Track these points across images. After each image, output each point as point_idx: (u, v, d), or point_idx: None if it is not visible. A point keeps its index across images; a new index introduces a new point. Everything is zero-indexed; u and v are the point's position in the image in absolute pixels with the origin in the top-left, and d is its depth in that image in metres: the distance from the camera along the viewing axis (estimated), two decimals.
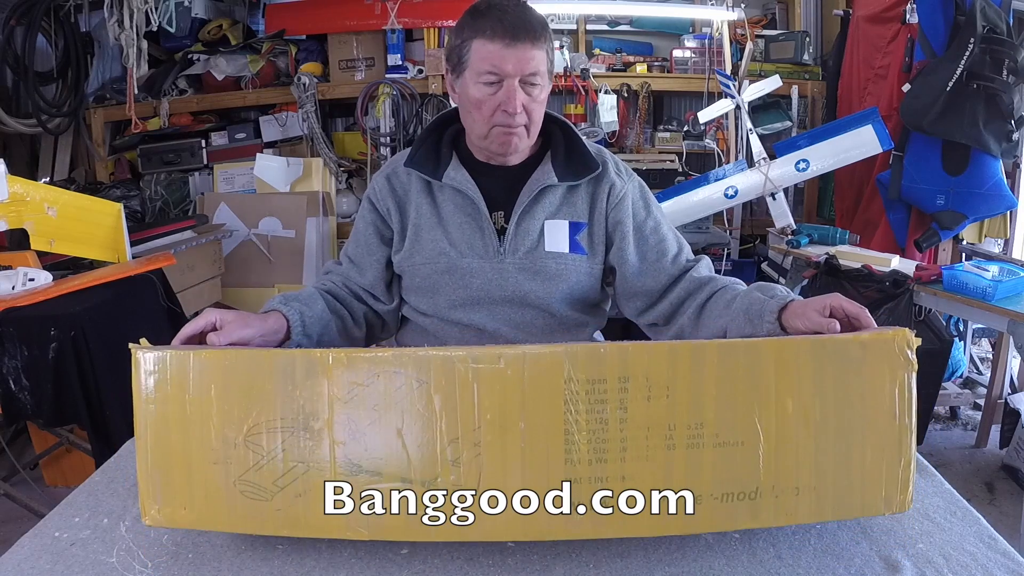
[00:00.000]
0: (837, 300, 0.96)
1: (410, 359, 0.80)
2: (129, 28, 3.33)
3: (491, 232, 1.27)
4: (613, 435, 0.79)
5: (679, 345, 0.81)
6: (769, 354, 0.81)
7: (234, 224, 3.60)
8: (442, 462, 0.80)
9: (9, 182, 2.02)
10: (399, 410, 0.80)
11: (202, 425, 0.81)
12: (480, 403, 0.79)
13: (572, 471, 0.80)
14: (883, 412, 0.82)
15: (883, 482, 0.82)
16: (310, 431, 0.81)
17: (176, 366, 0.82)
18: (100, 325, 1.99)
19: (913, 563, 0.82)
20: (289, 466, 0.81)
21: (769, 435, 0.80)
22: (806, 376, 0.81)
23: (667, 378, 0.79)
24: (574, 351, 0.80)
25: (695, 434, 0.80)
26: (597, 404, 0.79)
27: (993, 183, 2.93)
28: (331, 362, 0.80)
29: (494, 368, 0.79)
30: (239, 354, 0.84)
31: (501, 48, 1.15)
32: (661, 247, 1.30)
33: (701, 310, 1.21)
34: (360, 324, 1.31)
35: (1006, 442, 2.71)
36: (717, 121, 3.85)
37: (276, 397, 0.81)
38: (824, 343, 0.84)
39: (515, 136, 1.22)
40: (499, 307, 1.28)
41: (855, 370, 0.81)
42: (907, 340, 0.82)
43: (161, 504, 0.83)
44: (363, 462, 0.81)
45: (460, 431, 0.80)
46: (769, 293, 1.08)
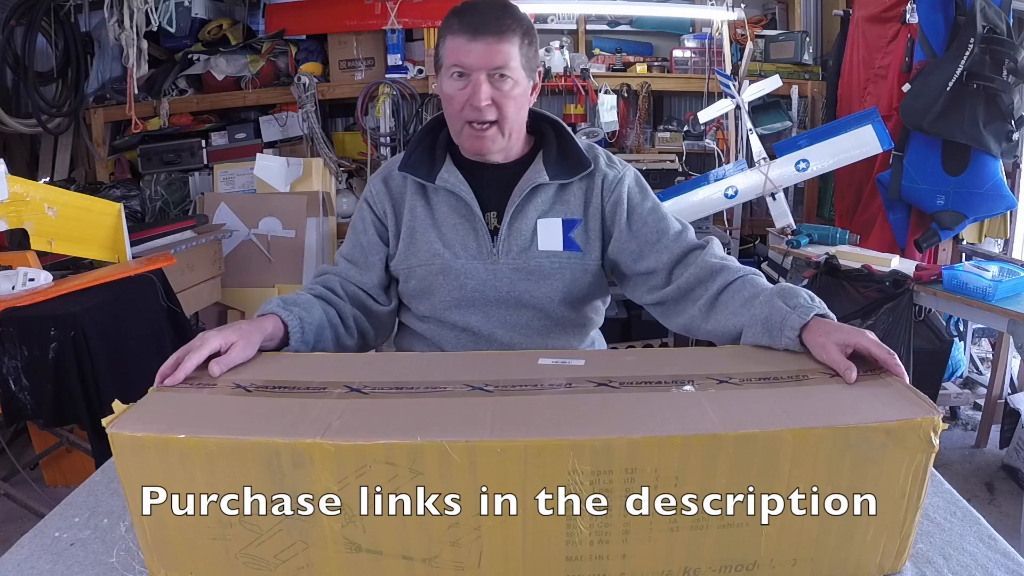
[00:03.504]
0: (864, 341, 0.91)
1: (403, 451, 0.75)
2: (129, 28, 3.33)
3: (484, 233, 1.27)
4: (616, 519, 0.77)
5: (693, 439, 0.76)
6: (788, 445, 0.76)
7: (234, 224, 3.59)
8: (442, 542, 0.78)
9: (9, 182, 2.02)
10: (395, 499, 0.76)
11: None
12: (478, 494, 0.76)
13: (573, 551, 0.78)
14: (894, 492, 0.79)
15: (880, 551, 0.81)
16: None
17: (156, 451, 0.77)
18: (100, 325, 1.99)
19: (913, 563, 0.82)
20: (288, 543, 0.79)
21: (775, 518, 0.78)
22: (822, 466, 0.77)
23: (676, 470, 0.76)
24: (580, 445, 0.74)
25: (700, 517, 0.77)
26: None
27: (993, 183, 2.93)
28: (317, 455, 0.75)
29: (492, 459, 0.75)
30: (220, 443, 0.77)
31: (465, 42, 1.17)
32: (660, 226, 1.27)
33: (714, 302, 1.16)
34: (352, 334, 1.28)
35: (1006, 442, 2.71)
36: (717, 121, 3.84)
37: (265, 484, 0.77)
38: (848, 434, 0.77)
39: (486, 139, 1.22)
40: (494, 308, 1.28)
41: (875, 458, 0.77)
42: (934, 426, 0.77)
43: (168, 569, 0.82)
44: (361, 542, 0.78)
45: (460, 517, 0.77)
46: (792, 303, 1.02)
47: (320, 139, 3.88)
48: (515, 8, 1.22)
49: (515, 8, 1.22)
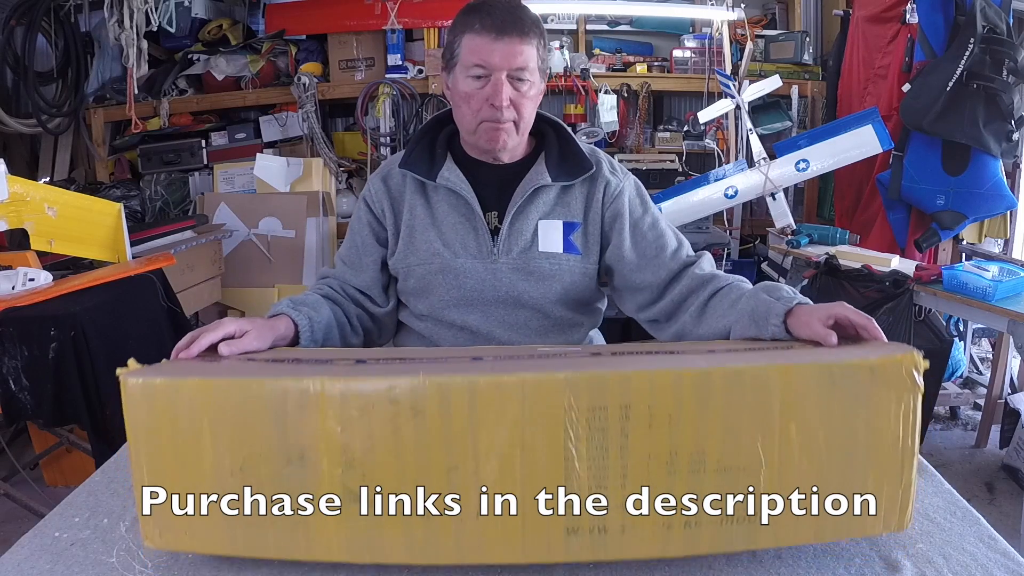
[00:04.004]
0: (843, 310, 0.95)
1: (406, 387, 0.78)
2: (129, 28, 3.33)
3: (485, 232, 1.27)
4: (614, 463, 0.78)
5: (684, 373, 0.79)
6: (775, 382, 0.79)
7: (234, 224, 3.59)
8: (441, 488, 0.78)
9: (9, 182, 2.02)
10: (395, 441, 0.78)
11: (195, 455, 0.80)
12: (477, 432, 0.78)
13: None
14: (887, 436, 0.80)
15: (883, 504, 0.81)
16: (305, 461, 0.79)
17: (166, 395, 0.81)
18: (100, 325, 1.99)
19: (913, 563, 0.82)
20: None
21: (771, 461, 0.79)
22: (812, 403, 0.79)
23: (670, 407, 0.78)
24: (575, 379, 0.78)
25: (697, 460, 0.79)
26: (598, 432, 0.78)
27: (993, 183, 2.93)
28: (324, 393, 0.78)
29: (492, 396, 0.77)
30: (230, 384, 0.82)
31: (489, 41, 1.16)
32: (660, 242, 1.29)
33: (704, 308, 1.19)
34: (357, 331, 1.29)
35: (1006, 442, 2.71)
36: (717, 121, 3.84)
37: (270, 430, 0.79)
38: (832, 370, 0.81)
39: (503, 132, 1.22)
40: (493, 308, 1.28)
41: (863, 396, 0.80)
42: (915, 363, 0.80)
43: (162, 530, 0.82)
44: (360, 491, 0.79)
45: (458, 460, 0.78)
46: (775, 295, 1.07)
47: (320, 139, 3.88)
48: (528, 8, 1.22)
49: (528, 8, 1.22)
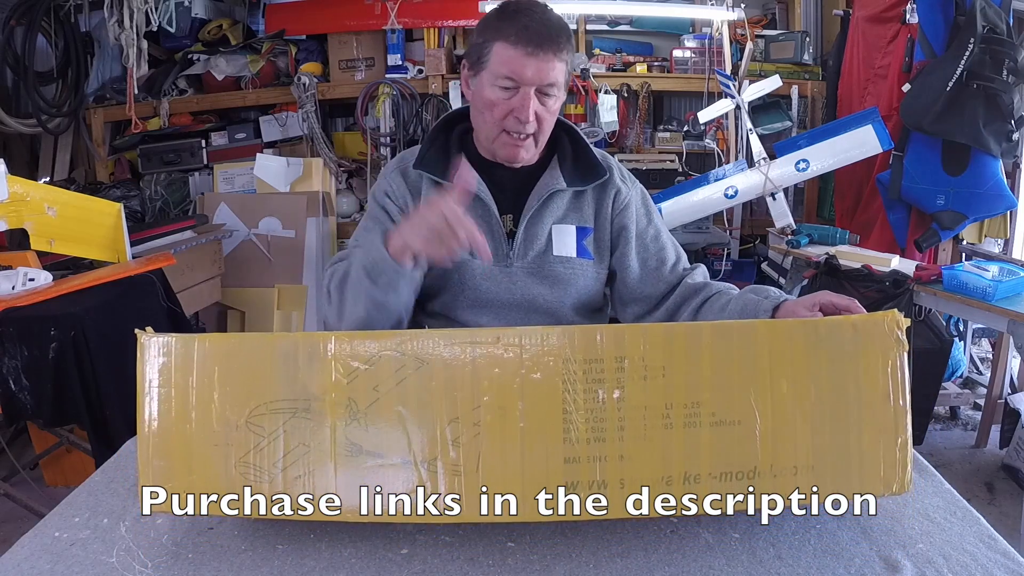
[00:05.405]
0: (826, 296, 1.00)
1: (411, 341, 0.82)
2: (129, 28, 3.33)
3: (501, 235, 1.27)
4: (611, 415, 0.81)
5: (675, 327, 0.84)
6: (763, 336, 0.83)
7: (234, 224, 3.59)
8: (441, 442, 0.81)
9: (9, 182, 2.02)
10: (399, 391, 0.81)
11: (204, 408, 0.83)
12: (479, 384, 0.81)
13: (571, 450, 0.81)
14: (878, 393, 0.83)
15: (881, 463, 0.83)
16: (311, 412, 0.82)
17: (181, 350, 0.84)
18: (100, 325, 1.99)
19: (913, 563, 0.83)
20: (290, 447, 0.82)
21: (765, 415, 0.82)
22: (800, 358, 0.83)
23: (663, 359, 0.81)
24: (571, 332, 0.82)
25: (692, 413, 0.81)
26: (594, 384, 0.81)
27: (993, 183, 2.93)
28: (333, 345, 0.82)
29: (492, 350, 0.81)
30: (243, 338, 0.86)
31: (523, 55, 1.14)
32: (661, 255, 1.32)
33: (695, 315, 1.24)
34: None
35: (1006, 442, 2.71)
36: (717, 121, 3.84)
37: (278, 380, 0.82)
38: (816, 326, 0.86)
39: (522, 148, 1.22)
40: (506, 311, 1.28)
41: (848, 352, 0.83)
42: (897, 321, 0.84)
43: (162, 482, 0.83)
44: (363, 443, 0.82)
45: (460, 411, 0.81)
46: (763, 295, 1.12)
47: (320, 139, 3.88)
48: (558, 15, 1.20)
49: (558, 15, 1.20)
